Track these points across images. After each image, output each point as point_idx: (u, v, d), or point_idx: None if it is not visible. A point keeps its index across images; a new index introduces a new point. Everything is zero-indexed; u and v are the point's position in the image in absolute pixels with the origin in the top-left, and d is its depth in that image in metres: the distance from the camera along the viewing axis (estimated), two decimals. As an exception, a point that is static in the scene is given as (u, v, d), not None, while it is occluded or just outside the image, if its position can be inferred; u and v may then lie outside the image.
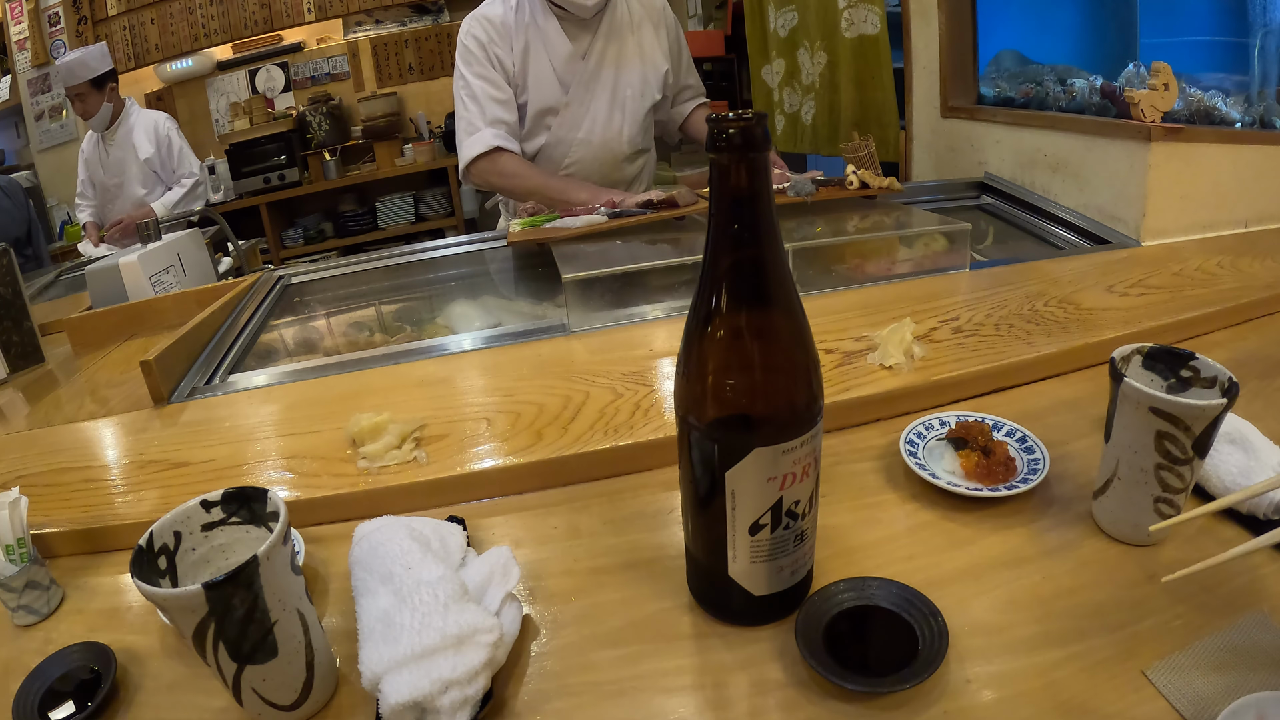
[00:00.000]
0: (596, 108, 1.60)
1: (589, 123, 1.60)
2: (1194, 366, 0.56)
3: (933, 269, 1.11)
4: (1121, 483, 0.55)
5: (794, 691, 0.47)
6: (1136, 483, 0.54)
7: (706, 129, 0.42)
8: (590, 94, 1.59)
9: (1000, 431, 0.68)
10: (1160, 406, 0.51)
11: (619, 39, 1.58)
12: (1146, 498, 0.54)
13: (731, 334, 0.45)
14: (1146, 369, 0.58)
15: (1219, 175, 1.13)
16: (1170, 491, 0.53)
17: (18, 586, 0.60)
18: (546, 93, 1.57)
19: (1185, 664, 0.46)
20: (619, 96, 1.60)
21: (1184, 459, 0.52)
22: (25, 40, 3.79)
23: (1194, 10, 1.38)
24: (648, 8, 1.62)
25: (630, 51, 1.59)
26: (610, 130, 1.61)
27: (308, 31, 4.12)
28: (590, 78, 1.58)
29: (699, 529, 0.51)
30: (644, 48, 1.61)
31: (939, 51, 1.58)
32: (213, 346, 1.11)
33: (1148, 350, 0.58)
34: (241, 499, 0.49)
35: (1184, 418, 0.50)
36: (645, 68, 1.61)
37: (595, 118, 1.60)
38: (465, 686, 0.45)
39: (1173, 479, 0.53)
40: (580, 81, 1.57)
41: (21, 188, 2.86)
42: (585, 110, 1.60)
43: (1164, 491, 0.54)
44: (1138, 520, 0.55)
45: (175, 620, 0.43)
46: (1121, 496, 0.56)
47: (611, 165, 1.65)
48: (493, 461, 0.71)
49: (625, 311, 1.04)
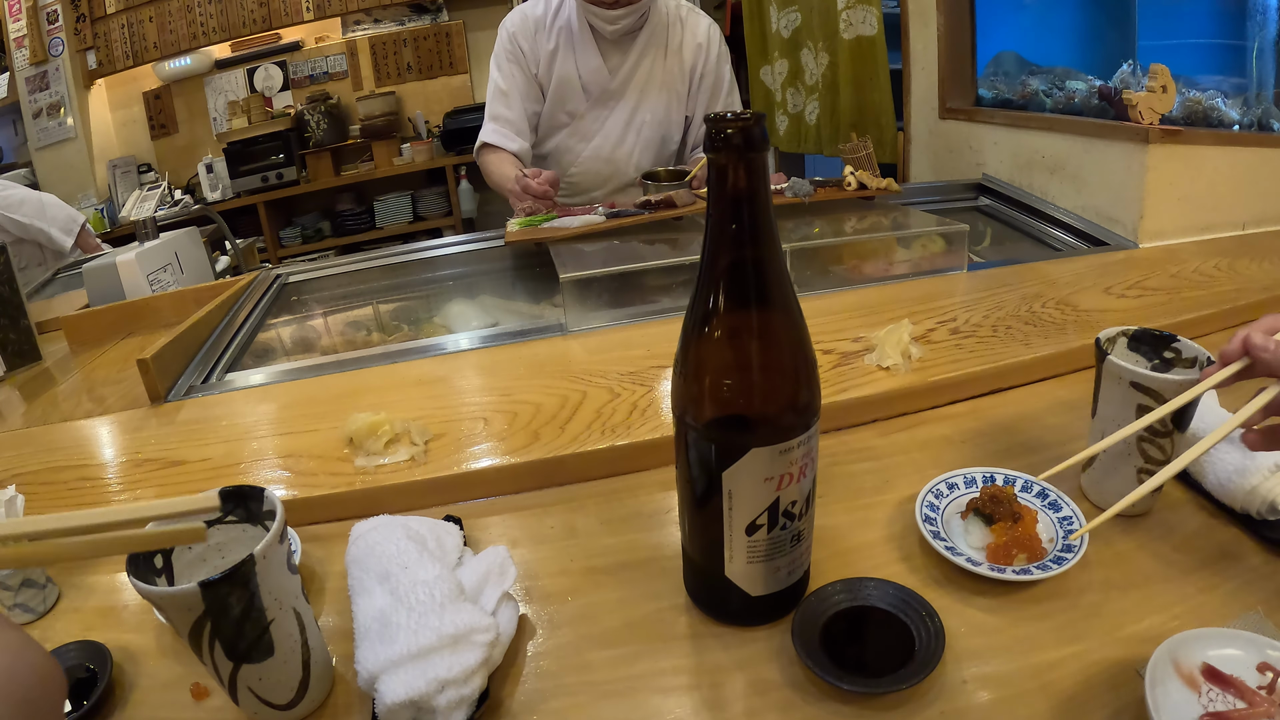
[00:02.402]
0: (611, 125, 1.59)
1: (600, 138, 1.60)
2: (1176, 348, 0.59)
3: (930, 270, 1.12)
4: (1107, 455, 0.58)
5: (790, 692, 0.47)
6: (1120, 454, 0.57)
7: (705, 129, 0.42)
8: (608, 110, 1.59)
9: (1030, 493, 0.61)
10: (1140, 381, 0.54)
11: (651, 66, 1.56)
12: (1130, 468, 0.57)
13: (729, 334, 0.45)
14: (1132, 350, 0.60)
15: (1217, 177, 1.13)
16: (1152, 463, 0.56)
17: (13, 585, 0.60)
18: (567, 98, 1.57)
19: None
20: (636, 120, 1.59)
21: (1164, 431, 0.55)
22: (23, 38, 3.77)
23: (1192, 13, 1.38)
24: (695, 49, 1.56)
25: (658, 81, 1.57)
26: (620, 151, 1.61)
27: (306, 30, 4.11)
28: (612, 95, 1.57)
29: (696, 529, 0.51)
30: (674, 84, 1.58)
31: (937, 53, 1.58)
32: (210, 345, 1.11)
33: (1133, 333, 0.60)
34: (238, 498, 0.49)
35: (1163, 391, 0.53)
36: (671, 101, 1.59)
37: (608, 135, 1.60)
38: (461, 686, 0.45)
39: (1154, 450, 0.56)
40: (601, 96, 1.57)
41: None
42: (600, 125, 1.60)
43: (1146, 463, 0.56)
44: (1122, 490, 0.55)
45: (171, 619, 0.43)
46: (1106, 468, 0.59)
47: (616, 185, 1.65)
48: (490, 461, 0.71)
49: (623, 311, 1.04)
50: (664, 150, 1.64)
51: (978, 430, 0.73)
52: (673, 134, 1.62)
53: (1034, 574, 0.52)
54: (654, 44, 1.55)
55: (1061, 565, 0.52)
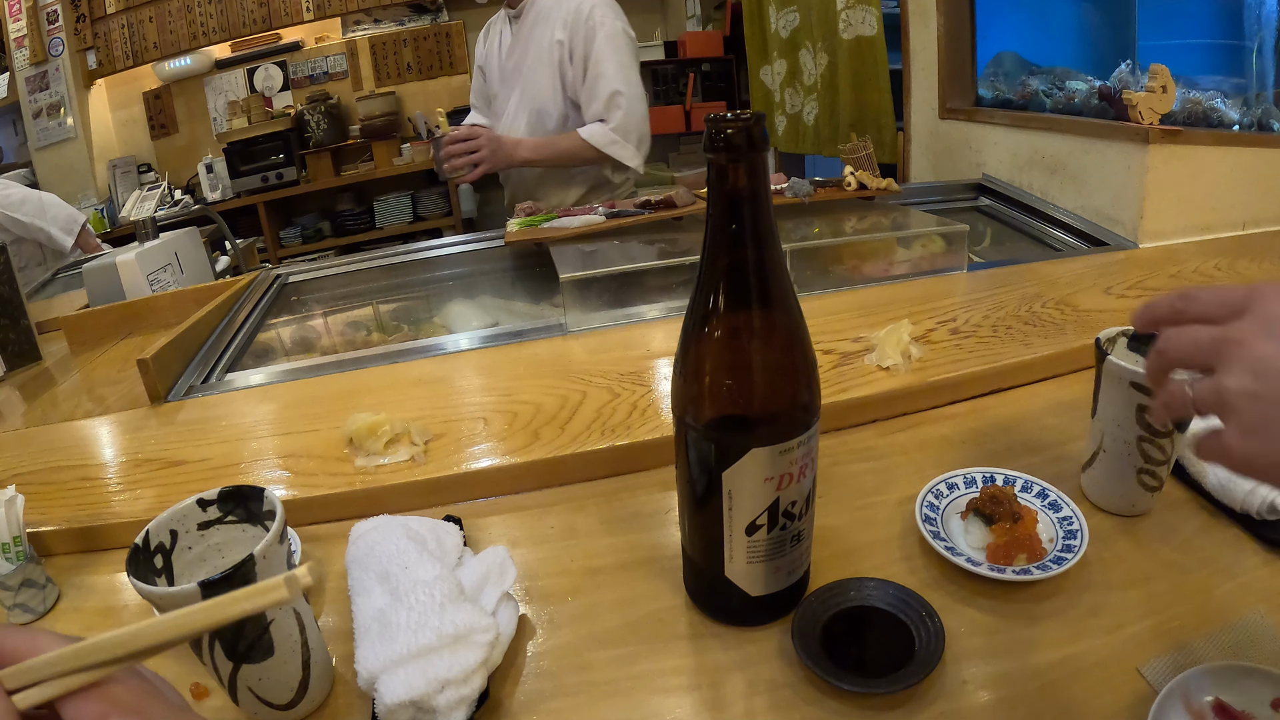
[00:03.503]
0: (510, 104, 1.64)
1: (507, 118, 1.65)
2: None
3: (930, 270, 1.12)
4: (1107, 455, 0.58)
5: (791, 692, 0.47)
6: (1120, 455, 0.57)
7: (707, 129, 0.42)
8: (509, 88, 1.64)
9: (1029, 493, 0.60)
10: (1141, 381, 0.53)
11: (533, 39, 1.58)
12: (1130, 469, 0.57)
13: (729, 334, 0.45)
14: (1132, 350, 0.60)
15: (1216, 178, 1.13)
16: (1152, 463, 0.56)
17: (14, 585, 0.60)
18: (490, 80, 1.67)
19: (1182, 663, 0.46)
20: (525, 95, 1.62)
21: (1164, 432, 0.55)
22: (23, 38, 3.77)
23: (1192, 13, 1.38)
24: (567, 23, 1.55)
25: (541, 59, 1.58)
26: (516, 129, 1.63)
27: (306, 30, 4.11)
28: (509, 73, 1.62)
29: (696, 529, 0.51)
30: (551, 60, 1.57)
31: (937, 53, 1.58)
32: (210, 345, 1.11)
33: (1133, 333, 0.60)
34: (238, 498, 0.49)
35: None
36: (550, 78, 1.59)
37: (508, 113, 1.64)
38: (461, 686, 0.45)
39: (1154, 451, 0.56)
40: (503, 76, 1.63)
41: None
42: (505, 104, 1.65)
43: (1146, 463, 0.56)
44: (1123, 491, 0.59)
45: (171, 619, 0.43)
46: (1107, 468, 0.59)
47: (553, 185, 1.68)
48: (490, 461, 0.71)
49: (623, 311, 1.04)
50: (540, 128, 1.62)
51: (978, 430, 0.73)
52: (549, 109, 1.60)
53: (1034, 574, 0.52)
54: (540, 20, 1.57)
55: (1061, 565, 0.52)
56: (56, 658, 0.28)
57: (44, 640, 0.29)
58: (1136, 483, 0.57)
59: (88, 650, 0.28)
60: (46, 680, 0.28)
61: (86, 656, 0.28)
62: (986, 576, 0.52)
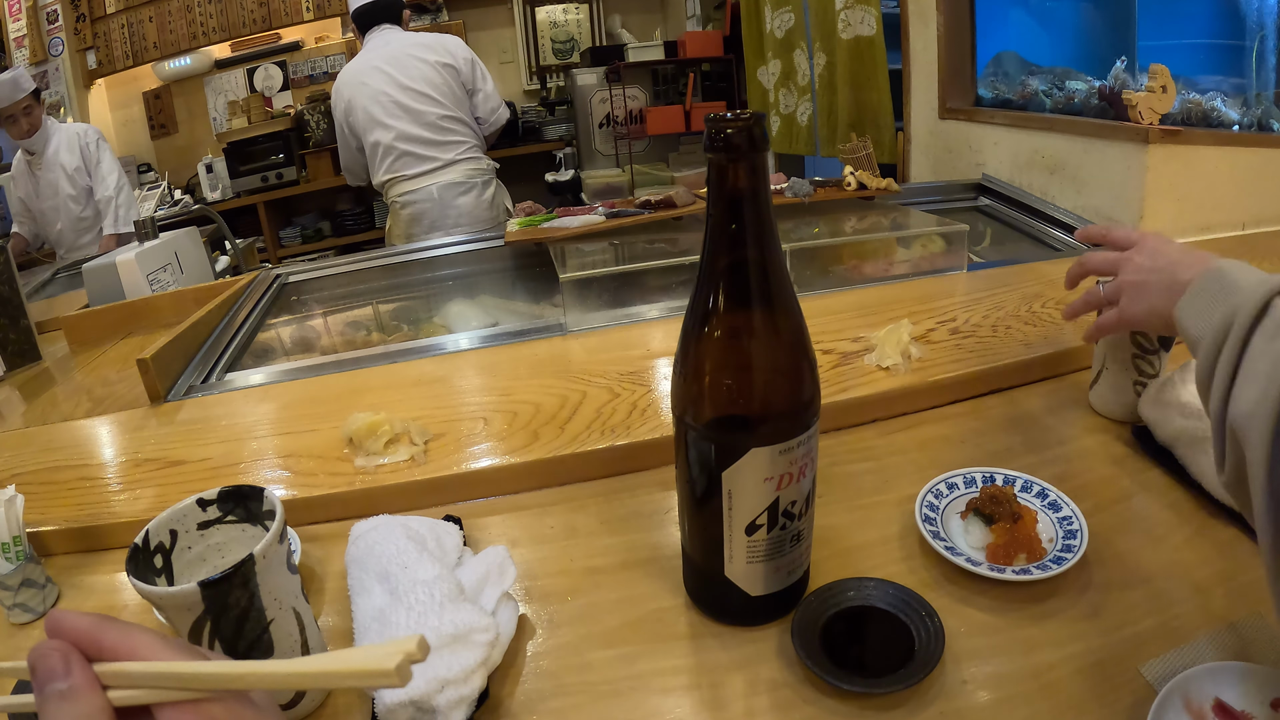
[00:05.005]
0: None
1: None
2: None
3: (930, 270, 1.12)
4: (1109, 371, 0.71)
5: (790, 692, 0.47)
6: (1120, 370, 0.70)
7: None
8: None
9: (1029, 493, 0.60)
10: None
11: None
12: (1128, 381, 0.70)
13: (729, 334, 0.45)
14: None
15: (1216, 178, 1.13)
16: (1145, 376, 0.69)
17: (13, 584, 0.60)
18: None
19: (1182, 662, 0.46)
20: None
21: (1152, 349, 0.68)
22: (23, 38, 3.78)
23: (1192, 13, 1.38)
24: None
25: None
26: None
27: (306, 30, 4.11)
28: None
29: (696, 529, 0.51)
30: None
31: (937, 53, 1.58)
32: (210, 345, 1.11)
33: None
34: (238, 497, 0.49)
35: None
36: None
37: None
38: (461, 685, 0.45)
39: (1145, 366, 0.69)
40: None
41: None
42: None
43: (1140, 376, 0.69)
44: (1124, 401, 0.71)
45: (171, 619, 0.43)
46: (1110, 382, 0.72)
47: None
48: (489, 461, 0.71)
49: (622, 311, 1.04)
50: None
51: (978, 430, 0.73)
52: None
53: (1034, 574, 0.52)
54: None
55: (1061, 565, 0.52)
56: (157, 674, 0.28)
57: (140, 638, 0.29)
58: (1134, 394, 0.70)
59: (189, 677, 0.27)
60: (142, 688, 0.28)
61: (188, 681, 0.28)
62: (986, 576, 0.52)
